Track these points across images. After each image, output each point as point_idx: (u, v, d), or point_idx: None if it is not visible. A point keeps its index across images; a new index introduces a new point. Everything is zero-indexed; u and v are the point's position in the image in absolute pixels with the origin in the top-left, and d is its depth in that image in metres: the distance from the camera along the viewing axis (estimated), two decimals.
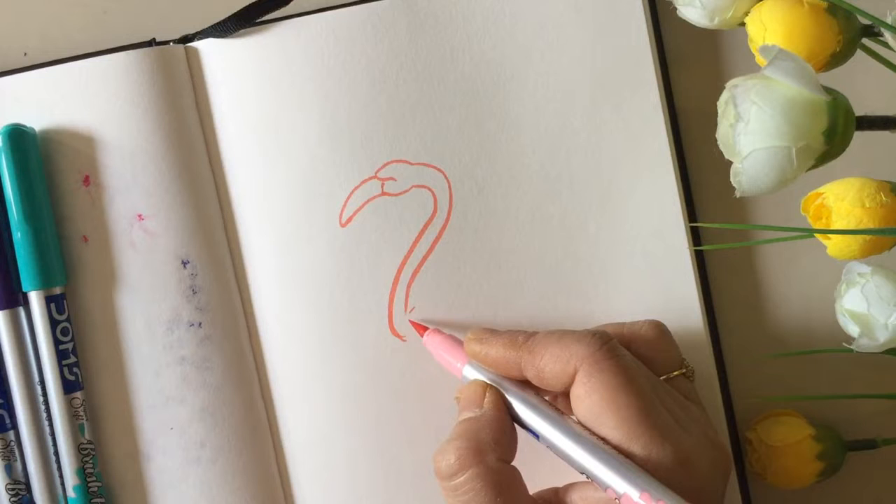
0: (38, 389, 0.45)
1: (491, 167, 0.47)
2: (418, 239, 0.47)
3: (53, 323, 0.45)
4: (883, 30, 0.37)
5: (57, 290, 0.45)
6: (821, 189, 0.39)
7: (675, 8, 0.42)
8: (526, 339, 0.41)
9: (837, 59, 0.39)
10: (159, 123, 0.46)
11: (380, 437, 0.47)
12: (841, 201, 0.38)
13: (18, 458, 0.45)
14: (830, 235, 0.38)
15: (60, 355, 0.45)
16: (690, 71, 0.49)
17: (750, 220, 0.49)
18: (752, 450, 0.47)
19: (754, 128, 0.34)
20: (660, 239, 0.47)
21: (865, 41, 0.40)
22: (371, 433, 0.47)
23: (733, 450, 0.47)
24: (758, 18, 0.39)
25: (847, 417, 0.48)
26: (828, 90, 0.35)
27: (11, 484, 0.45)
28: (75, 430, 0.45)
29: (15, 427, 0.45)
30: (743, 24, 0.41)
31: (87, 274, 0.46)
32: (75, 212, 0.46)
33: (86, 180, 0.46)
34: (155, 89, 0.46)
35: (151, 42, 0.47)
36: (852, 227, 0.37)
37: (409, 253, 0.47)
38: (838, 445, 0.47)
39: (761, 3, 0.40)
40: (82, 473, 0.45)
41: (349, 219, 0.47)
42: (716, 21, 0.41)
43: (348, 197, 0.47)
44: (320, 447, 0.47)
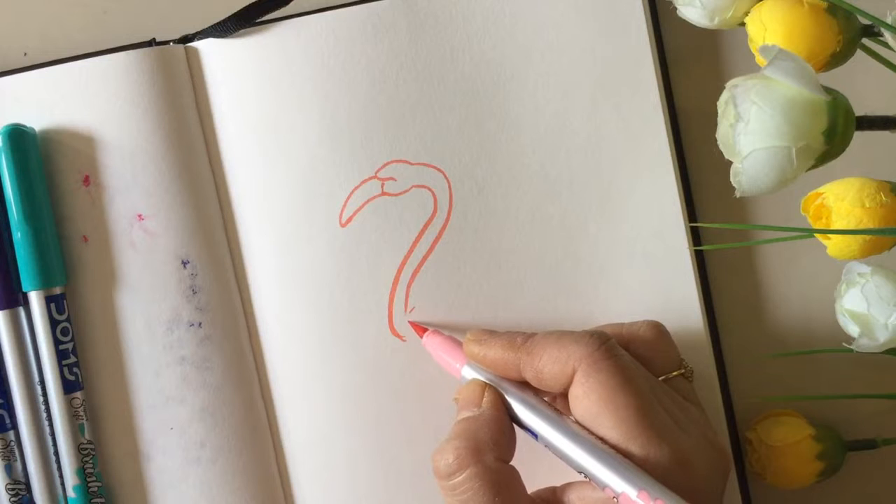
0: (38, 389, 0.45)
1: (491, 167, 0.47)
2: (418, 239, 0.47)
3: (53, 323, 0.45)
4: (883, 30, 0.37)
5: (57, 290, 0.45)
6: (821, 189, 0.39)
7: (675, 8, 0.42)
8: (524, 341, 0.41)
9: (837, 59, 0.39)
10: (159, 123, 0.46)
11: (380, 437, 0.47)
12: (841, 201, 0.38)
13: (18, 458, 0.45)
14: (830, 235, 0.38)
15: (60, 355, 0.45)
16: (690, 71, 0.49)
17: (750, 220, 0.49)
18: (752, 450, 0.47)
19: (754, 128, 0.34)
20: (660, 239, 0.47)
21: (865, 41, 0.40)
22: (371, 433, 0.47)
23: (733, 450, 0.47)
24: (758, 18, 0.39)
25: (847, 417, 0.48)
26: (828, 90, 0.35)
27: (11, 484, 0.45)
28: (75, 430, 0.45)
29: (15, 427, 0.45)
30: (743, 24, 0.41)
31: (87, 274, 0.46)
32: (75, 212, 0.46)
33: (86, 180, 0.46)
34: (155, 89, 0.46)
35: (151, 42, 0.47)
36: (852, 227, 0.37)
37: (409, 253, 0.47)
38: (838, 445, 0.47)
39: (761, 3, 0.40)
40: (82, 473, 0.45)
41: (349, 219, 0.47)
42: (716, 21, 0.41)
43: (348, 197, 0.47)
44: (320, 447, 0.47)
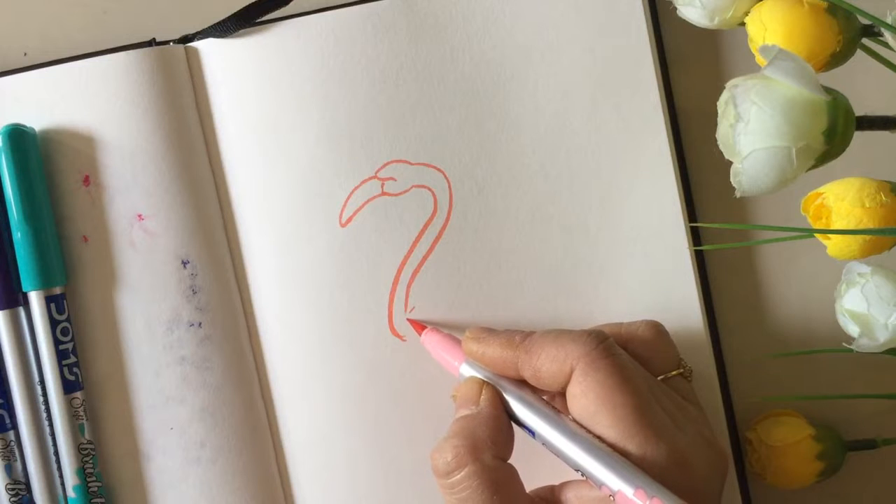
0: (38, 389, 0.45)
1: (491, 167, 0.47)
2: (418, 239, 0.47)
3: (53, 323, 0.45)
4: (883, 30, 0.37)
5: (57, 290, 0.45)
6: (821, 189, 0.39)
7: (675, 8, 0.42)
8: (523, 339, 0.41)
9: (837, 59, 0.39)
10: (159, 123, 0.46)
11: (380, 437, 0.47)
12: (841, 201, 0.38)
13: (18, 458, 0.45)
14: (830, 235, 0.38)
15: (60, 355, 0.45)
16: (690, 71, 0.49)
17: (750, 220, 0.49)
18: (752, 450, 0.47)
19: (754, 128, 0.34)
20: (660, 239, 0.47)
21: (865, 41, 0.40)
22: (371, 433, 0.47)
23: (733, 450, 0.47)
24: (758, 18, 0.39)
25: (847, 417, 0.48)
26: (828, 90, 0.35)
27: (11, 484, 0.45)
28: (75, 430, 0.45)
29: (15, 427, 0.45)
30: (743, 24, 0.41)
31: (87, 274, 0.46)
32: (75, 212, 0.46)
33: (86, 180, 0.46)
34: (155, 89, 0.46)
35: (151, 42, 0.47)
36: (852, 227, 0.37)
37: (409, 253, 0.47)
38: (838, 445, 0.47)
39: (761, 3, 0.40)
40: (82, 473, 0.45)
41: (349, 219, 0.47)
42: (716, 21, 0.41)
43: (348, 197, 0.47)
44: (320, 447, 0.47)
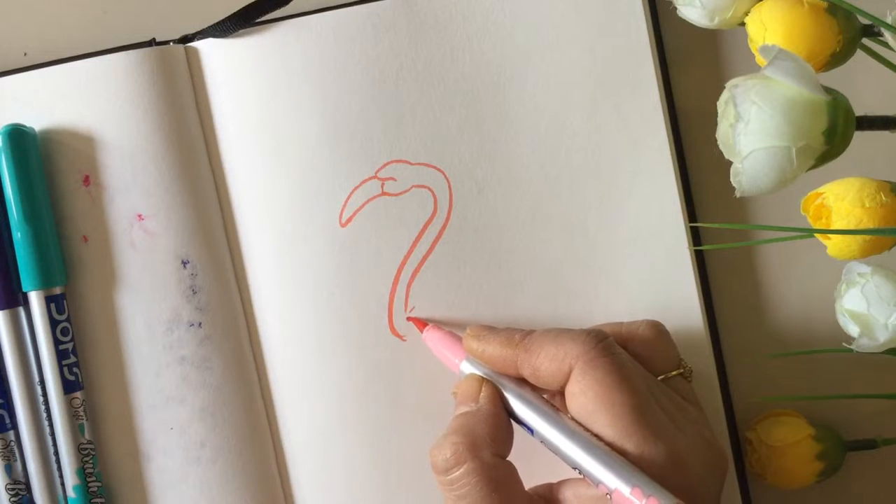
0: (38, 389, 0.45)
1: (491, 167, 0.47)
2: (418, 239, 0.47)
3: (53, 323, 0.45)
4: (883, 30, 0.37)
5: (57, 290, 0.45)
6: (821, 189, 0.39)
7: (675, 8, 0.42)
8: (522, 338, 0.42)
9: (837, 59, 0.39)
10: (159, 123, 0.46)
11: (379, 437, 0.47)
12: (841, 201, 0.38)
13: (18, 458, 0.45)
14: (830, 235, 0.38)
15: (60, 355, 0.45)
16: (690, 71, 0.49)
17: (750, 220, 0.49)
18: (752, 450, 0.47)
19: (754, 128, 0.34)
20: (660, 239, 0.47)
21: (865, 41, 0.40)
22: (370, 433, 0.47)
23: (733, 450, 0.47)
24: (758, 18, 0.39)
25: (847, 417, 0.48)
26: (828, 90, 0.35)
27: (11, 484, 0.45)
28: (75, 430, 0.45)
29: (15, 427, 0.45)
30: (743, 24, 0.41)
31: (87, 274, 0.46)
32: (75, 212, 0.46)
33: (86, 180, 0.46)
34: (155, 89, 0.46)
35: (151, 42, 0.47)
36: (852, 227, 0.37)
37: (409, 253, 0.47)
38: (838, 445, 0.47)
39: (761, 3, 0.40)
40: (82, 473, 0.45)
41: (349, 219, 0.47)
42: (716, 21, 0.41)
43: (348, 197, 0.47)
44: (320, 447, 0.47)
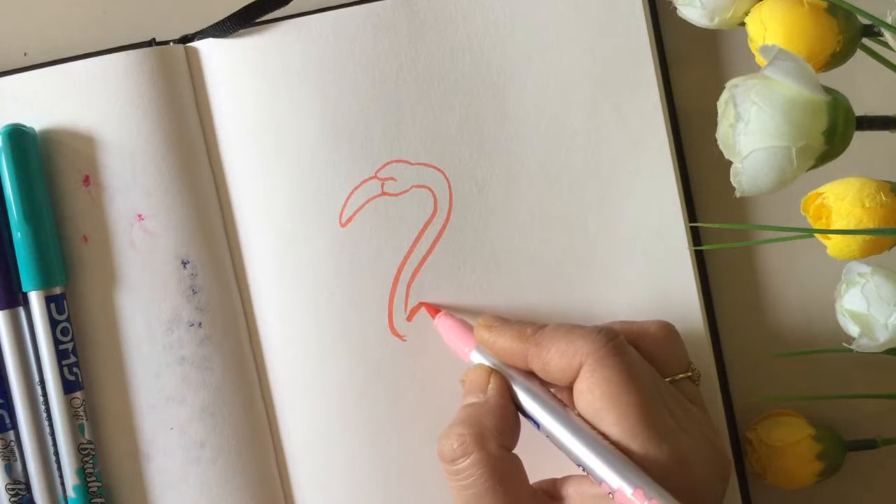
0: (38, 389, 0.45)
1: (491, 167, 0.47)
2: (418, 239, 0.47)
3: (53, 323, 0.45)
4: (883, 30, 0.37)
5: (57, 290, 0.45)
6: (821, 189, 0.39)
7: (675, 8, 0.42)
8: (534, 332, 0.41)
9: (837, 59, 0.39)
10: (159, 123, 0.46)
11: (379, 437, 0.47)
12: (841, 201, 0.38)
13: (18, 458, 0.45)
14: (830, 235, 0.38)
15: (60, 355, 0.45)
16: (690, 71, 0.49)
17: (750, 220, 0.49)
18: (752, 450, 0.47)
19: (754, 128, 0.34)
20: (660, 239, 0.47)
21: (865, 41, 0.40)
22: (370, 433, 0.47)
23: (733, 450, 0.47)
24: (758, 18, 0.39)
25: (847, 417, 0.48)
26: (828, 90, 0.35)
27: (11, 484, 0.45)
28: (75, 430, 0.45)
29: (15, 427, 0.45)
30: (743, 24, 0.41)
31: (87, 274, 0.46)
32: (75, 212, 0.46)
33: (86, 180, 0.46)
34: (155, 89, 0.46)
35: (151, 42, 0.47)
36: (852, 227, 0.37)
37: (409, 253, 0.47)
38: (838, 445, 0.47)
39: (761, 3, 0.40)
40: (82, 473, 0.45)
41: (349, 219, 0.47)
42: (716, 21, 0.41)
43: (348, 197, 0.47)
44: (320, 447, 0.47)
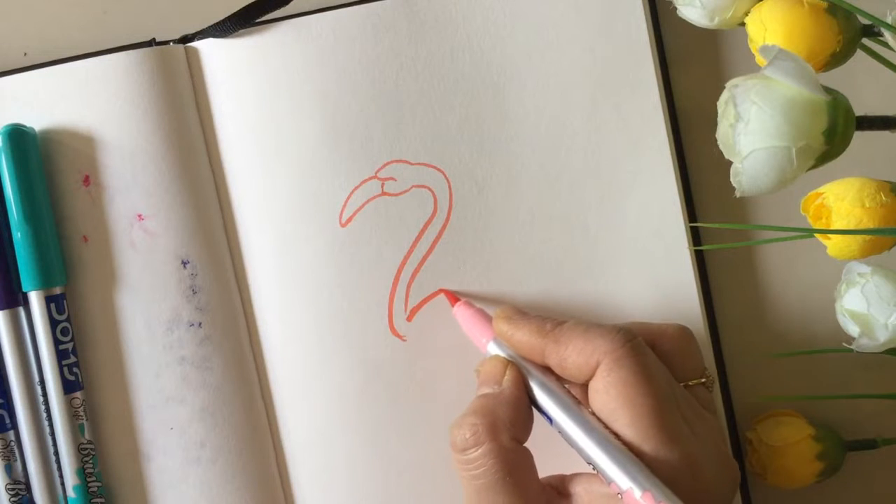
0: (38, 389, 0.45)
1: (491, 167, 0.47)
2: (418, 239, 0.47)
3: (53, 323, 0.45)
4: (883, 30, 0.37)
5: (57, 290, 0.45)
6: (821, 189, 0.39)
7: (675, 8, 0.42)
8: (553, 327, 0.41)
9: (837, 59, 0.39)
10: (159, 123, 0.46)
11: (379, 437, 0.47)
12: (841, 201, 0.38)
13: (18, 458, 0.45)
14: (830, 235, 0.38)
15: (60, 355, 0.45)
16: (690, 71, 0.49)
17: (750, 220, 0.49)
18: (752, 450, 0.47)
19: (754, 128, 0.34)
20: (660, 239, 0.47)
21: (865, 41, 0.40)
22: (370, 433, 0.47)
23: (733, 450, 0.47)
24: (758, 18, 0.39)
25: (847, 417, 0.48)
26: (828, 90, 0.35)
27: (11, 484, 0.45)
28: (75, 430, 0.45)
29: (15, 427, 0.45)
30: (743, 24, 0.41)
31: (87, 274, 0.46)
32: (75, 212, 0.46)
33: (86, 180, 0.46)
34: (155, 89, 0.46)
35: (151, 42, 0.47)
36: (852, 227, 0.37)
37: (409, 253, 0.47)
38: (838, 445, 0.47)
39: (761, 3, 0.40)
40: (82, 473, 0.45)
41: (349, 219, 0.47)
42: (716, 21, 0.41)
43: (348, 197, 0.47)
44: (320, 447, 0.47)
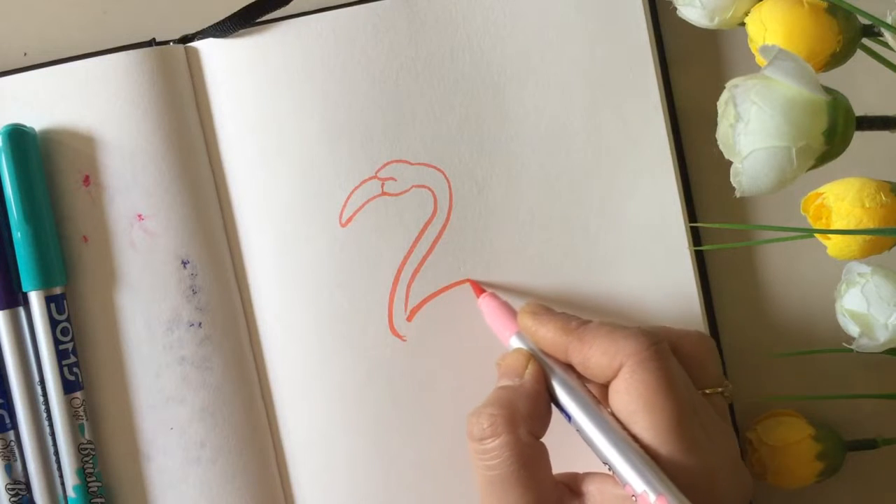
0: (38, 389, 0.45)
1: (491, 167, 0.47)
2: (418, 239, 0.47)
3: (53, 323, 0.45)
4: (883, 30, 0.37)
5: (57, 290, 0.45)
6: (821, 189, 0.39)
7: (675, 8, 0.42)
8: (578, 326, 0.41)
9: (837, 59, 0.39)
10: (159, 123, 0.46)
11: (379, 437, 0.47)
12: (841, 201, 0.38)
13: (18, 458, 0.45)
14: (830, 235, 0.38)
15: (60, 355, 0.45)
16: (690, 71, 0.49)
17: (750, 220, 0.49)
18: (753, 450, 0.47)
19: (754, 128, 0.34)
20: (660, 239, 0.47)
21: (865, 41, 0.40)
22: (371, 433, 0.47)
23: None
24: (758, 18, 0.39)
25: (847, 417, 0.48)
26: (828, 90, 0.35)
27: (11, 484, 0.45)
28: (75, 430, 0.45)
29: (15, 427, 0.45)
30: (743, 24, 0.41)
31: (87, 274, 0.46)
32: (75, 212, 0.46)
33: (86, 180, 0.46)
34: (155, 89, 0.46)
35: (151, 42, 0.47)
36: (852, 227, 0.37)
37: (409, 253, 0.47)
38: (838, 445, 0.47)
39: (761, 3, 0.40)
40: (82, 473, 0.45)
41: (349, 219, 0.47)
42: (716, 21, 0.41)
43: (348, 197, 0.47)
44: (320, 447, 0.47)
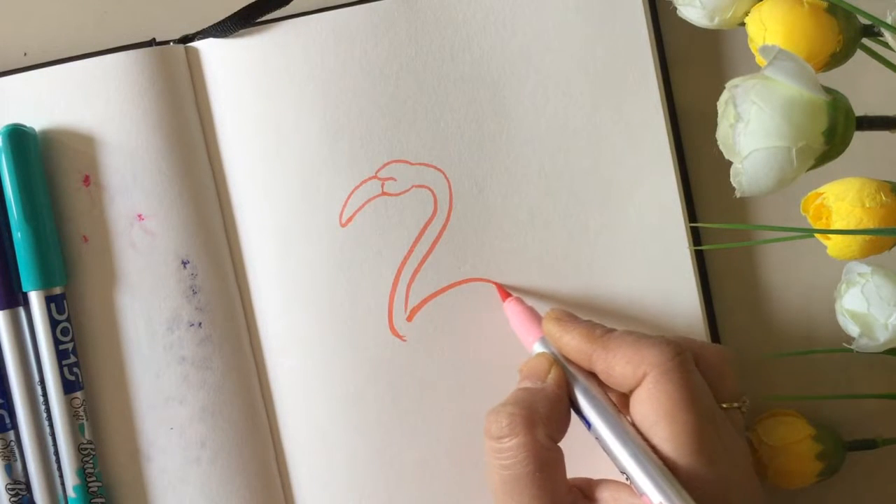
0: (38, 389, 0.45)
1: (491, 167, 0.47)
2: (418, 239, 0.47)
3: (53, 323, 0.45)
4: (883, 30, 0.37)
5: (57, 290, 0.45)
6: (821, 189, 0.39)
7: (675, 8, 0.42)
8: (602, 334, 0.41)
9: (837, 59, 0.39)
10: (159, 123, 0.46)
11: (380, 437, 0.47)
12: (841, 201, 0.38)
13: (18, 458, 0.45)
14: (830, 235, 0.38)
15: (60, 355, 0.45)
16: (690, 71, 0.49)
17: (750, 220, 0.49)
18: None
19: (754, 128, 0.34)
20: (660, 239, 0.47)
21: (865, 41, 0.40)
22: (371, 433, 0.47)
23: None
24: (758, 18, 0.39)
25: (847, 417, 0.48)
26: (828, 90, 0.35)
27: (11, 484, 0.45)
28: (75, 430, 0.45)
29: (15, 427, 0.45)
30: (743, 24, 0.41)
31: (87, 274, 0.46)
32: (75, 212, 0.46)
33: (86, 180, 0.46)
34: (155, 89, 0.46)
35: (151, 42, 0.47)
36: (852, 227, 0.37)
37: (409, 253, 0.47)
38: (838, 445, 0.47)
39: (761, 3, 0.40)
40: (82, 473, 0.45)
41: (349, 219, 0.47)
42: (716, 21, 0.41)
43: (348, 197, 0.47)
44: (320, 447, 0.47)
